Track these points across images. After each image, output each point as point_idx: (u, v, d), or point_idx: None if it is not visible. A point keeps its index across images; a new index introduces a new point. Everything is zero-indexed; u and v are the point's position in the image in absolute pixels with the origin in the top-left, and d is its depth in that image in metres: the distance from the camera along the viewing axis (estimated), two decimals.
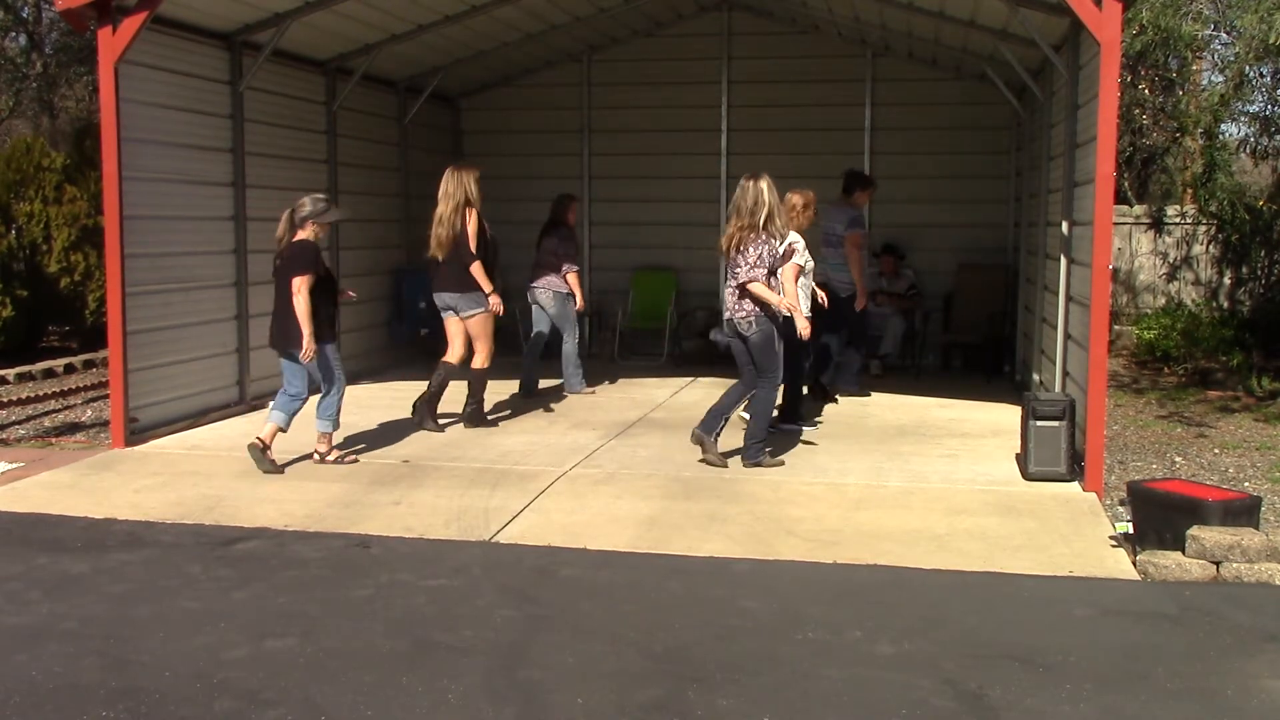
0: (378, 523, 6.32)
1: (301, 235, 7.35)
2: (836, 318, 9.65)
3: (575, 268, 10.20)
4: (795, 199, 8.44)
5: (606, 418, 9.30)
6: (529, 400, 10.05)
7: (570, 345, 10.34)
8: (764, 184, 7.36)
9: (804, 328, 7.63)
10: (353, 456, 7.82)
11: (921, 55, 12.35)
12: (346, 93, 11.08)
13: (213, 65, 9.30)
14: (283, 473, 7.37)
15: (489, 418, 9.10)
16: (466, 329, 8.72)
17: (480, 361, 8.79)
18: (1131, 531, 5.85)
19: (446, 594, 5.22)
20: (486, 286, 8.58)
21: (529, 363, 10.31)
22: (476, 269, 8.53)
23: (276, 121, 10.15)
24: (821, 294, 8.78)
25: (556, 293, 10.11)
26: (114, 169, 8.07)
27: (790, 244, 7.91)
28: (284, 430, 7.50)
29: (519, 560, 5.72)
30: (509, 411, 9.57)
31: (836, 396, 10.05)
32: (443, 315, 8.83)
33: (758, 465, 7.54)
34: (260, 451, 7.38)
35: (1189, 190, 14.31)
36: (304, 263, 7.25)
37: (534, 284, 10.17)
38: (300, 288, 7.20)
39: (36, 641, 4.64)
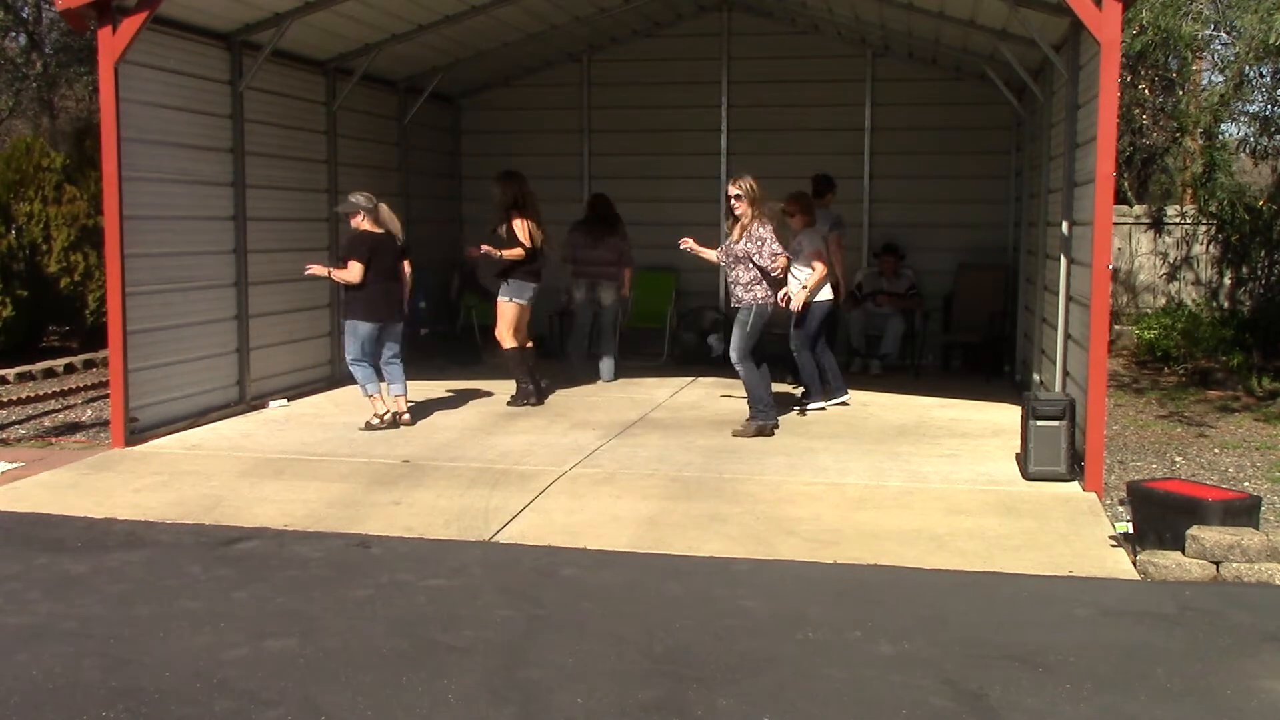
0: (378, 523, 6.32)
1: (361, 227, 8.60)
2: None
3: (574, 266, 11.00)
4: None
5: (606, 418, 9.30)
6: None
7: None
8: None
9: (797, 305, 9.21)
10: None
11: (921, 55, 12.36)
12: (346, 93, 11.08)
13: (213, 65, 9.30)
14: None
15: (523, 401, 9.80)
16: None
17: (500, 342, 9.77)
18: (1131, 531, 5.85)
19: (446, 594, 5.22)
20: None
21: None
22: (512, 254, 9.55)
23: (276, 121, 10.15)
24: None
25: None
26: (114, 169, 8.07)
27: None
28: (369, 395, 8.70)
29: (519, 560, 5.72)
30: (511, 411, 9.58)
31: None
32: None
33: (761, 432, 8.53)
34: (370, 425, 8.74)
35: (1189, 190, 14.30)
36: (347, 249, 8.58)
37: None
38: (348, 270, 8.52)
39: (36, 641, 4.64)
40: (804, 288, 9.23)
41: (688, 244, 8.68)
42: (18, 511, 6.57)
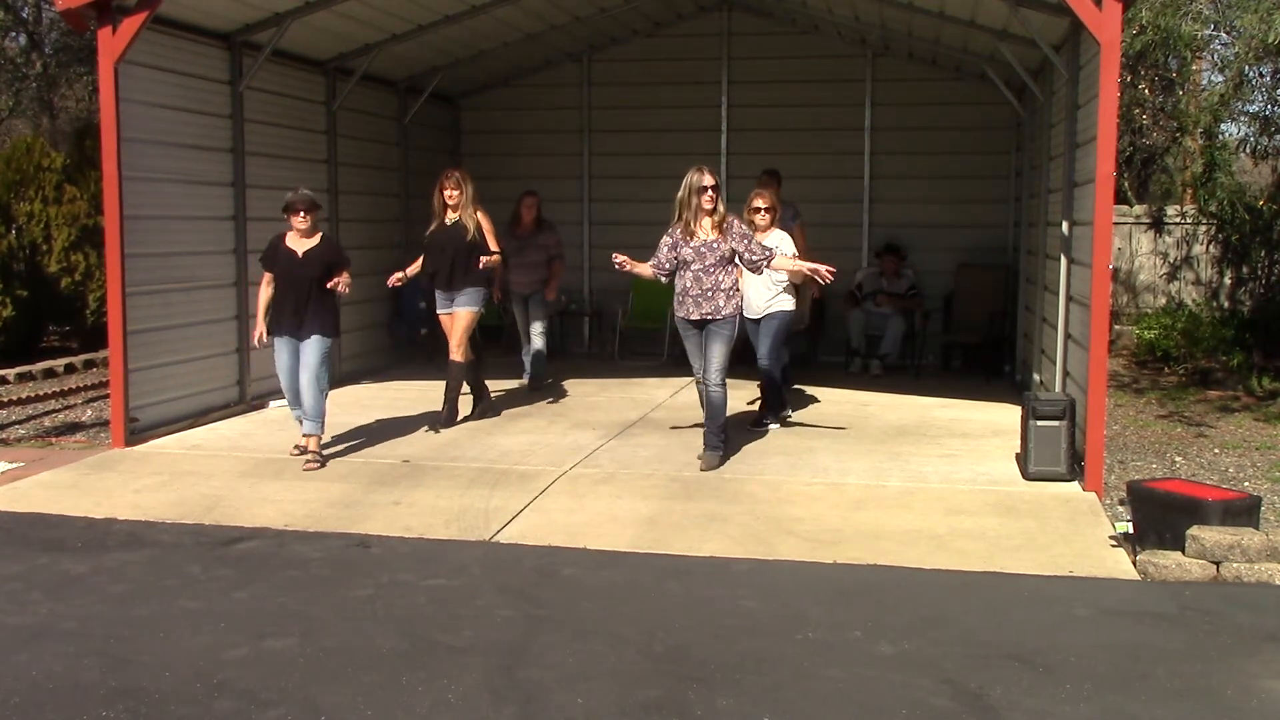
0: (378, 523, 6.33)
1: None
2: None
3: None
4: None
5: (606, 418, 9.30)
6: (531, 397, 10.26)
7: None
8: None
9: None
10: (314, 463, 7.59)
11: (921, 55, 12.36)
12: (346, 93, 11.08)
13: (213, 65, 9.30)
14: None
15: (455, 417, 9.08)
16: None
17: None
18: (1131, 531, 5.85)
19: (446, 594, 5.22)
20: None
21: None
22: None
23: (276, 121, 10.15)
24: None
25: None
26: (114, 169, 8.08)
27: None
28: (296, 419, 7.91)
29: (519, 560, 5.72)
30: (510, 411, 9.57)
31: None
32: None
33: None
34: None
35: (1189, 190, 14.29)
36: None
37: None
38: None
39: (36, 641, 4.64)
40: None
41: (622, 260, 7.82)
42: (18, 511, 6.57)
